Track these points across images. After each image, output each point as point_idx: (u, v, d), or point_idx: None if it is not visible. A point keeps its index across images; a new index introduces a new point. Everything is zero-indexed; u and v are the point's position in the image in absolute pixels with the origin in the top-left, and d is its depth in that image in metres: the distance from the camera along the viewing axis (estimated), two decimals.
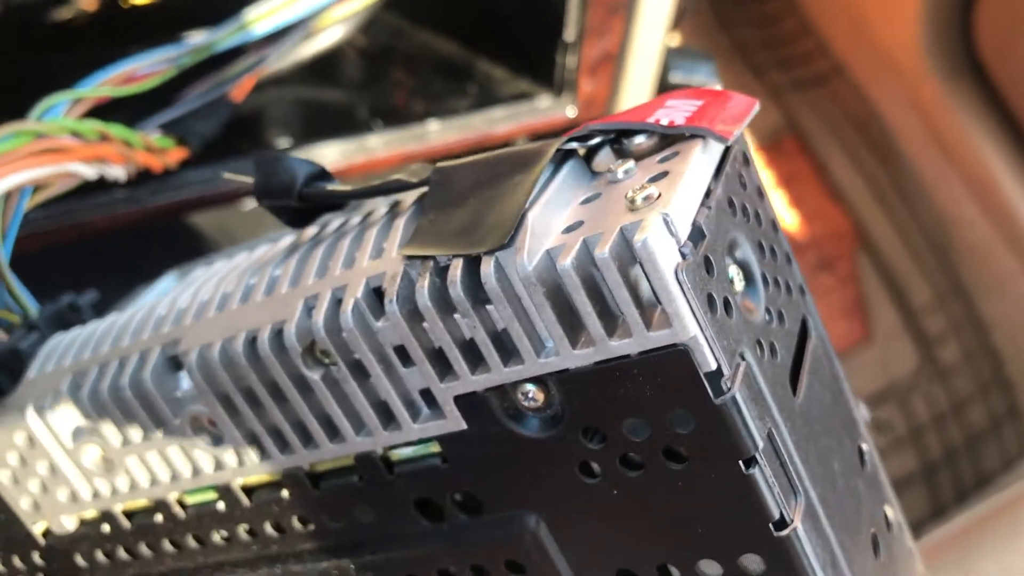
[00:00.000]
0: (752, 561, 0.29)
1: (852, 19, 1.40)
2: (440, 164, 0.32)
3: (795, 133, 1.43)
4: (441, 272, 0.29)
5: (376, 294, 0.31)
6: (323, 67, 0.70)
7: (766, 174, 1.41)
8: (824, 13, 1.45)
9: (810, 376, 0.31)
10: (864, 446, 0.34)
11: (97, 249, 0.60)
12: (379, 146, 0.63)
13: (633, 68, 0.71)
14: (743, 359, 0.27)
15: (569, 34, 0.66)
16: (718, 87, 0.77)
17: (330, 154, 0.62)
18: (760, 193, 0.32)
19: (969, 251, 1.31)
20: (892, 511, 0.35)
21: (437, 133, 0.65)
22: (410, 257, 0.30)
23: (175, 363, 0.36)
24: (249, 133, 0.63)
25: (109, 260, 0.63)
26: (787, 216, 1.38)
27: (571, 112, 0.69)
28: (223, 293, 0.36)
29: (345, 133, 0.63)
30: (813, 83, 1.44)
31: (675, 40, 0.78)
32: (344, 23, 0.69)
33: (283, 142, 0.62)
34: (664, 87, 0.74)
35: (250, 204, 0.66)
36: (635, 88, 0.72)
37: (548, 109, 0.69)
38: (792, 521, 0.27)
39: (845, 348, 1.30)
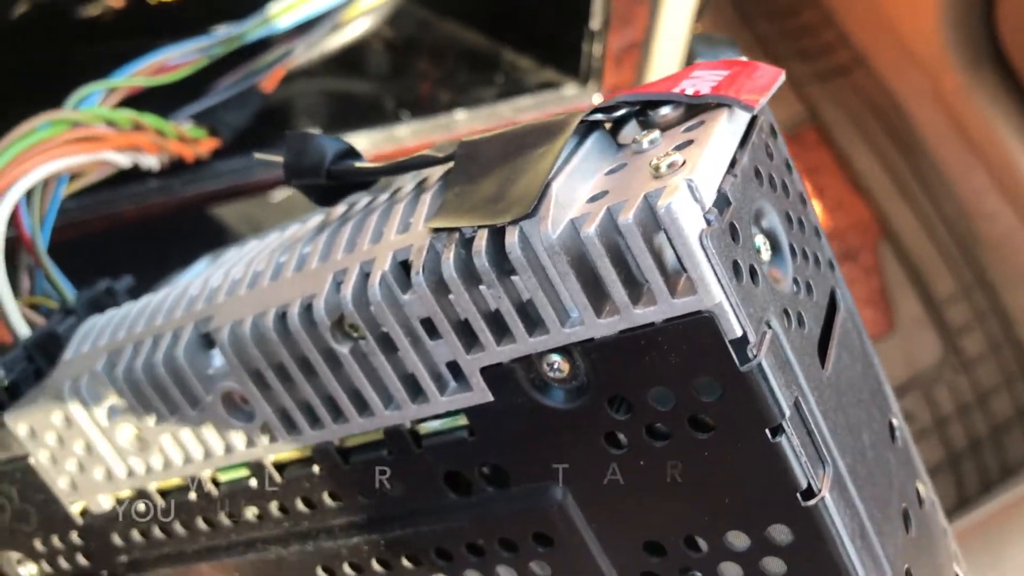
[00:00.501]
0: (780, 532, 0.28)
1: (872, 10, 1.39)
2: (466, 138, 0.32)
3: (816, 124, 1.42)
4: (467, 243, 0.29)
5: (403, 267, 0.31)
6: (350, 58, 0.71)
7: None
8: (844, 4, 1.44)
9: (839, 348, 0.31)
10: (895, 421, 0.34)
11: (130, 238, 0.61)
12: (407, 135, 0.64)
13: (658, 56, 0.71)
14: (769, 327, 0.27)
15: (595, 23, 0.66)
16: None
17: (359, 143, 0.62)
18: (788, 165, 0.32)
19: (992, 242, 1.30)
20: (924, 488, 0.35)
21: (464, 122, 0.66)
22: (436, 230, 0.30)
23: (208, 340, 0.36)
24: (278, 124, 0.64)
25: (142, 249, 0.65)
26: None
27: (597, 99, 0.70)
28: (254, 271, 0.36)
29: (373, 123, 0.64)
30: (834, 74, 1.44)
31: (698, 31, 0.78)
32: (371, 14, 0.70)
33: (312, 132, 0.63)
34: None
35: (279, 195, 0.67)
36: (661, 75, 0.72)
37: (574, 97, 0.70)
38: (820, 491, 0.27)
39: (869, 338, 1.29)
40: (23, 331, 0.44)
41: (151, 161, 0.52)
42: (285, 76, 0.62)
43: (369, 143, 0.63)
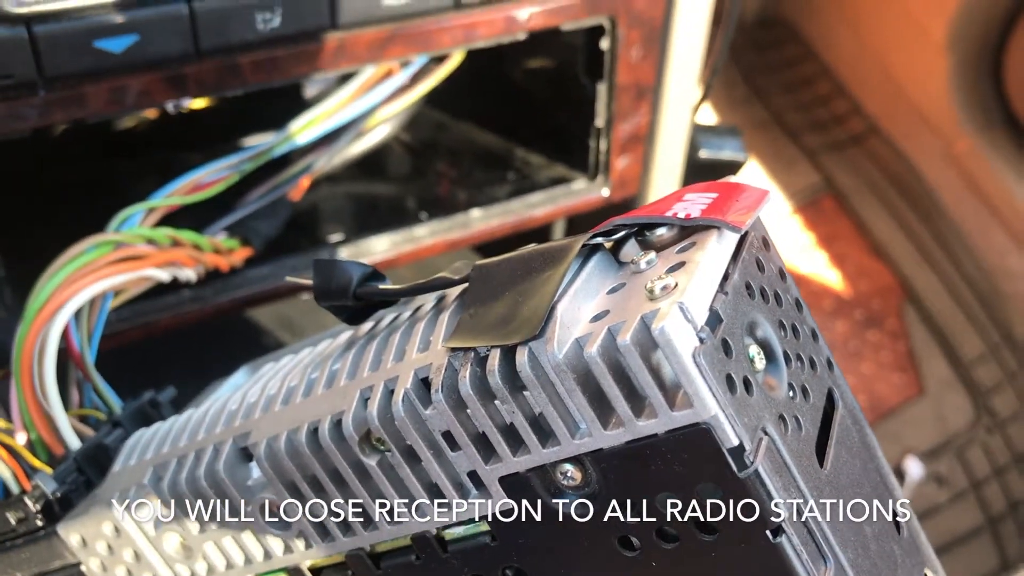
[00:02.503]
0: None
1: (884, 78, 1.42)
2: (479, 262, 0.35)
3: (833, 193, 1.45)
4: (481, 362, 0.31)
5: (424, 384, 0.33)
6: (371, 163, 0.75)
7: (807, 235, 1.42)
8: (856, 74, 1.47)
9: (837, 446, 0.32)
10: (900, 511, 0.35)
11: (166, 346, 0.64)
12: (426, 235, 0.67)
13: (662, 147, 0.74)
14: (765, 434, 0.29)
15: (599, 120, 0.70)
16: (745, 160, 0.80)
17: (380, 245, 0.66)
18: (782, 274, 0.34)
19: (1016, 300, 1.31)
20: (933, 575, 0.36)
21: (480, 220, 0.69)
22: (453, 349, 0.32)
23: (246, 453, 0.39)
24: (304, 229, 0.67)
25: (177, 355, 0.67)
26: (831, 275, 1.38)
27: (605, 192, 0.73)
28: (288, 387, 0.39)
29: (394, 225, 0.67)
30: (848, 143, 1.46)
31: (706, 114, 0.81)
32: (390, 121, 0.74)
33: (336, 236, 0.66)
34: (693, 163, 0.77)
35: (307, 296, 0.70)
36: (665, 165, 0.75)
37: (584, 191, 0.72)
38: None
39: (899, 403, 1.29)
40: (74, 443, 0.47)
41: (188, 274, 0.55)
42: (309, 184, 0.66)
43: (390, 244, 0.66)
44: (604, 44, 0.66)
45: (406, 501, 0.35)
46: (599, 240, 0.33)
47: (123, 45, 0.50)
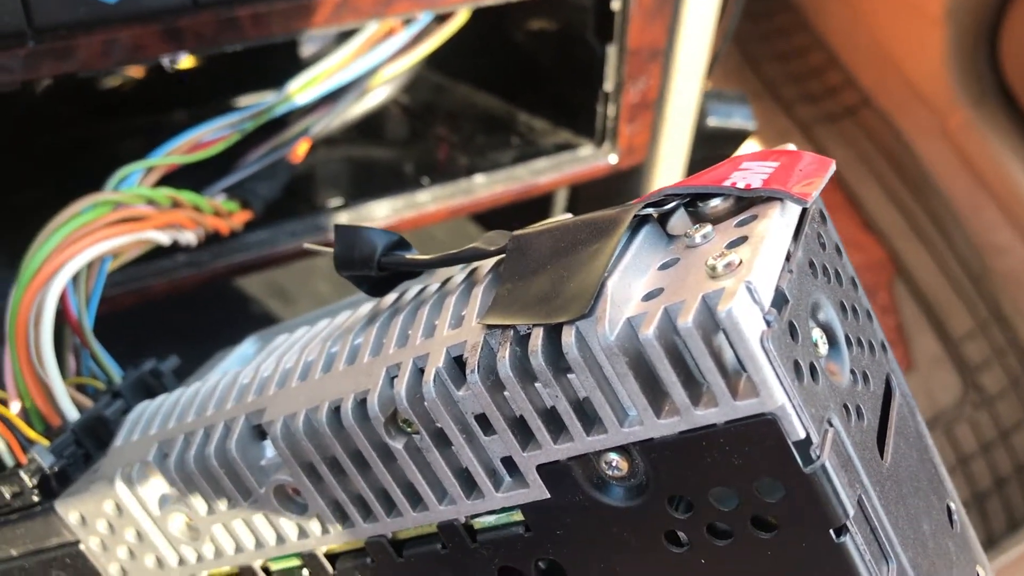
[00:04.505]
0: None
1: (878, 50, 1.41)
2: (517, 232, 0.33)
3: None
4: (522, 341, 0.29)
5: (457, 363, 0.31)
6: (371, 126, 0.72)
7: None
8: (850, 45, 1.45)
9: (896, 436, 0.31)
10: (952, 505, 0.34)
11: (160, 312, 0.62)
12: (428, 201, 0.65)
13: (671, 114, 0.72)
14: (831, 425, 0.27)
15: (608, 84, 0.67)
16: (754, 128, 0.78)
17: (381, 210, 0.63)
18: (839, 250, 0.32)
19: (1007, 277, 1.30)
20: (984, 572, 0.35)
21: (483, 186, 0.66)
22: (490, 326, 0.30)
23: (260, 431, 0.37)
24: (303, 193, 0.64)
25: (173, 322, 0.65)
26: None
27: (613, 159, 0.70)
28: (306, 362, 0.37)
29: (395, 190, 0.64)
30: (842, 115, 1.45)
31: (707, 83, 0.79)
32: (390, 83, 0.71)
33: (335, 201, 0.63)
34: (702, 131, 0.75)
35: (300, 263, 0.67)
36: (674, 133, 0.73)
37: (590, 158, 0.70)
38: None
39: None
40: (72, 414, 0.44)
41: (189, 237, 0.53)
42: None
43: (391, 209, 0.64)
44: (615, 5, 0.64)
45: (433, 487, 0.33)
46: (649, 211, 0.31)
47: None
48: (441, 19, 0.63)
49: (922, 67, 1.36)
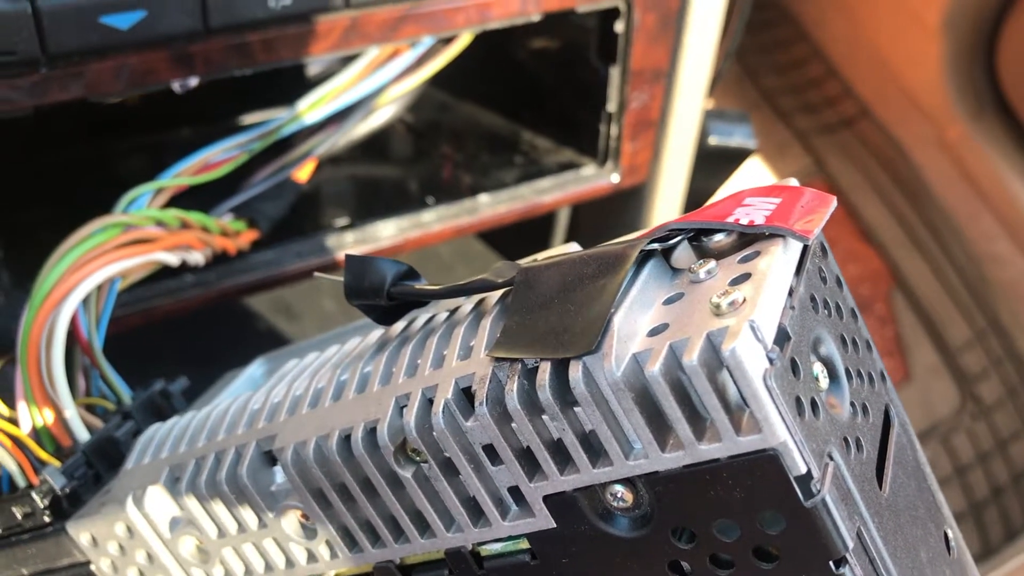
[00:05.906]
0: None
1: (876, 62, 1.41)
2: (525, 265, 0.33)
3: (823, 176, 1.44)
4: (529, 374, 0.30)
5: (465, 394, 0.32)
6: (375, 145, 0.73)
7: None
8: (848, 57, 1.46)
9: (895, 467, 0.31)
10: (949, 532, 0.34)
11: (167, 332, 0.62)
12: (433, 221, 0.65)
13: (673, 134, 0.73)
14: (831, 459, 0.27)
15: (611, 104, 0.68)
16: (755, 147, 0.78)
17: (387, 230, 0.64)
18: (839, 283, 0.32)
19: (1005, 288, 1.31)
20: None
21: (487, 206, 0.67)
22: (499, 359, 0.31)
23: (270, 458, 0.37)
24: (309, 213, 0.65)
25: (179, 342, 0.66)
26: None
27: (615, 178, 0.71)
28: (316, 389, 0.37)
29: (400, 210, 0.65)
30: (840, 126, 1.46)
31: (708, 101, 0.80)
32: (396, 102, 0.72)
33: (341, 221, 0.64)
34: (703, 150, 0.76)
35: (306, 283, 0.68)
36: (675, 153, 0.74)
37: (593, 177, 0.71)
38: None
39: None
40: (82, 434, 0.45)
41: (197, 257, 0.54)
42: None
43: (396, 229, 0.65)
44: (619, 27, 0.65)
45: (441, 514, 0.34)
46: (655, 246, 0.31)
47: (130, 21, 0.48)
48: (446, 40, 0.64)
49: (920, 78, 1.37)
